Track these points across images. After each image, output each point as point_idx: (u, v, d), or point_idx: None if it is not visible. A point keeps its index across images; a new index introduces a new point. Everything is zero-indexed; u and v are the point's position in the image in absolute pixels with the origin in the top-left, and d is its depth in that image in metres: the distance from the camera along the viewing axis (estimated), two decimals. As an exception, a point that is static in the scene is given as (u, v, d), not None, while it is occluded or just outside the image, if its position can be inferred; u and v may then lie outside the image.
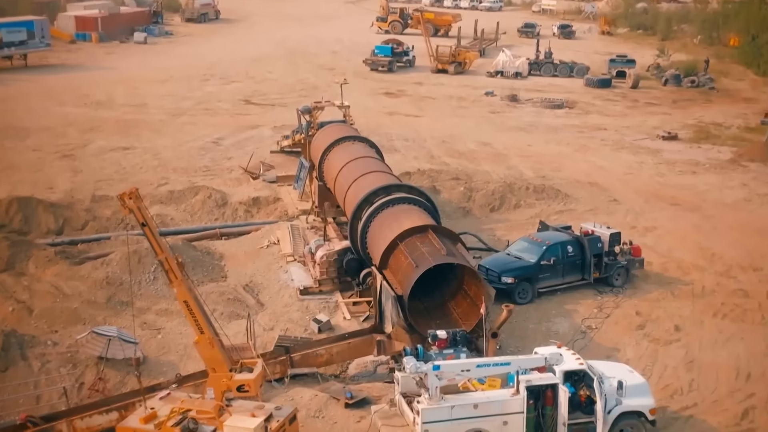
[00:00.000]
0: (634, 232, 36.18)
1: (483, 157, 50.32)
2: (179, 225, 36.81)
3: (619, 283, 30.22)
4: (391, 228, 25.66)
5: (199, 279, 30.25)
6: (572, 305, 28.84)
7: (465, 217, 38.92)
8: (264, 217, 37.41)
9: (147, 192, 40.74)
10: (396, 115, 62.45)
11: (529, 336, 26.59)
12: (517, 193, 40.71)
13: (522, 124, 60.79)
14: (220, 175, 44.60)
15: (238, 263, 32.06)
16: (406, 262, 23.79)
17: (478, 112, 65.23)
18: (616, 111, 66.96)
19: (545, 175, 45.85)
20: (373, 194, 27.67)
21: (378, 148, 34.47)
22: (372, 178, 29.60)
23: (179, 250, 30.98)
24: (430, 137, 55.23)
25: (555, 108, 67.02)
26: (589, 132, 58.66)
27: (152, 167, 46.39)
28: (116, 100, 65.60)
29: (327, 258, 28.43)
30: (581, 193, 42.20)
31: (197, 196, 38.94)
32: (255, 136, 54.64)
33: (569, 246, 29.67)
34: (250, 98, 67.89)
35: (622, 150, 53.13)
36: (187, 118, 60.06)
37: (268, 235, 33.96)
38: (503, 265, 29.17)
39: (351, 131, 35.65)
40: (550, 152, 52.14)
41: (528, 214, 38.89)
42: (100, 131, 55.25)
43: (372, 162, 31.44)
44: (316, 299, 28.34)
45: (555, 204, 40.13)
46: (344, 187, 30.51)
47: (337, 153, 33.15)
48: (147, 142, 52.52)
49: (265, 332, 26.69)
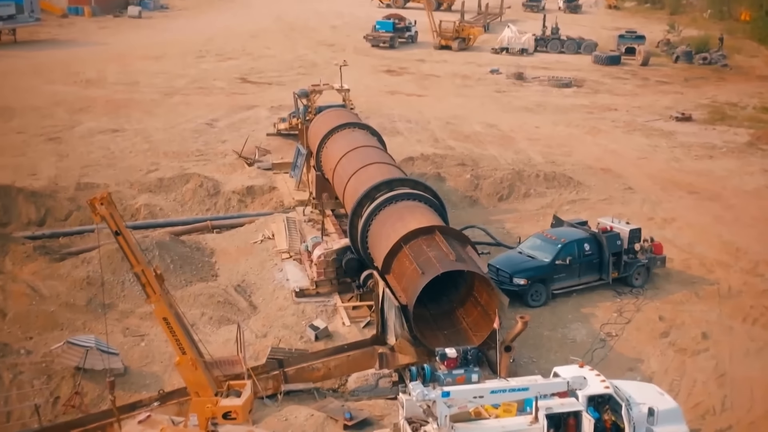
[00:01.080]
0: (652, 225, 34.03)
1: (489, 140, 48.02)
2: (168, 216, 34.59)
3: (639, 283, 28.08)
4: (394, 228, 23.46)
5: (188, 278, 28.14)
6: (589, 308, 26.71)
7: (472, 207, 36.74)
8: (258, 207, 35.20)
9: (136, 179, 38.66)
10: (398, 95, 60.05)
11: (543, 345, 24.49)
12: (526, 181, 38.46)
13: (529, 104, 58.42)
14: (214, 160, 42.35)
15: (229, 260, 29.90)
16: (411, 267, 21.62)
17: (483, 91, 62.83)
18: (626, 90, 64.54)
19: (555, 160, 43.59)
20: (374, 189, 25.45)
21: (380, 135, 32.16)
22: (373, 170, 27.36)
23: (166, 247, 28.92)
24: (433, 118, 52.90)
25: (563, 87, 64.63)
26: (599, 113, 56.30)
27: (142, 151, 44.12)
28: (107, 78, 63.18)
29: (325, 258, 26.26)
30: (594, 180, 39.94)
31: (188, 185, 36.70)
32: (251, 117, 52.32)
33: (586, 244, 27.48)
34: (247, 76, 65.44)
35: (635, 132, 50.80)
36: (180, 97, 57.68)
37: (263, 229, 31.78)
38: (515, 265, 26.99)
39: (351, 117, 33.33)
40: (560, 135, 49.84)
41: (538, 204, 36.70)
42: (90, 111, 52.93)
43: (373, 152, 29.17)
44: (312, 302, 26.20)
45: (567, 193, 37.89)
46: (343, 179, 28.29)
47: (336, 141, 30.87)
48: (138, 123, 50.20)
49: (257, 339, 24.59)
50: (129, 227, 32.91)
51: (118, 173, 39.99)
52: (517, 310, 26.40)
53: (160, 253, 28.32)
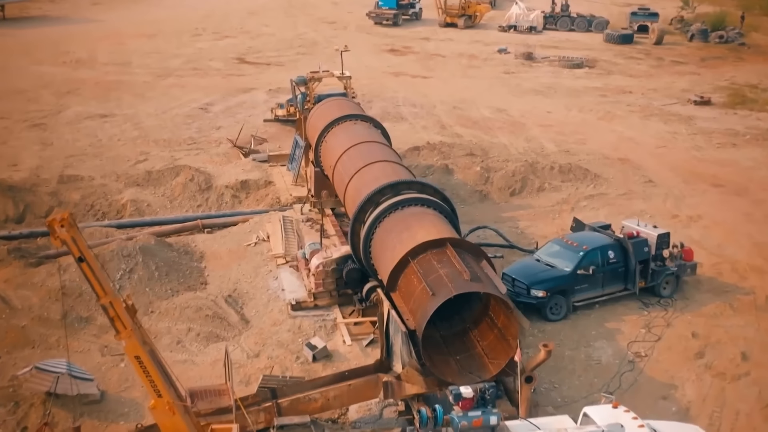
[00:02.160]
0: (677, 223, 31.58)
1: (499, 126, 45.43)
2: (156, 213, 32.17)
3: (667, 292, 25.64)
4: (401, 239, 20.99)
5: (174, 287, 25.70)
6: (614, 323, 24.27)
7: (482, 202, 34.24)
8: (253, 203, 32.75)
9: (123, 171, 36.20)
10: (402, 76, 57.36)
11: (565, 367, 22.08)
12: (540, 174, 35.91)
13: (539, 87, 55.72)
14: (207, 150, 39.83)
15: (221, 265, 27.48)
16: (420, 287, 19.17)
17: (490, 72, 60.11)
18: (640, 71, 61.75)
19: (569, 149, 41.04)
20: (378, 193, 22.94)
21: (384, 128, 29.53)
22: (377, 170, 24.84)
23: (151, 252, 26.49)
24: (439, 102, 50.28)
25: (574, 67, 61.87)
26: (612, 96, 53.62)
27: (131, 139, 41.62)
28: (98, 58, 60.58)
29: (324, 267, 23.80)
30: (611, 172, 37.38)
31: (178, 178, 34.22)
32: (247, 101, 49.76)
33: (610, 251, 25.00)
34: (244, 56, 62.76)
35: (651, 117, 48.15)
36: (174, 79, 55.08)
37: (257, 229, 29.34)
38: (533, 275, 24.52)
39: (353, 107, 30.71)
40: (572, 120, 47.23)
41: (554, 199, 34.18)
42: (78, 95, 50.42)
43: (377, 148, 26.61)
44: (310, 316, 23.80)
45: (583, 187, 35.35)
46: (344, 178, 25.78)
47: (336, 135, 28.31)
48: (128, 108, 47.67)
49: (249, 360, 22.22)
50: (113, 226, 30.95)
51: (104, 164, 37.52)
52: (535, 324, 24.10)
53: (144, 259, 25.89)
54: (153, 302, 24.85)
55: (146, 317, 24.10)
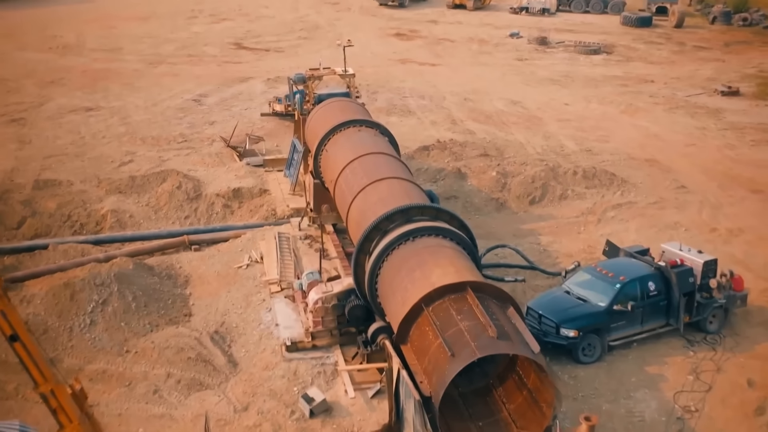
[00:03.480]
0: (716, 238, 28.45)
1: (514, 121, 42.15)
2: (139, 224, 29.01)
3: (714, 327, 22.50)
4: (413, 279, 17.87)
5: (153, 320, 22.58)
6: (657, 366, 21.15)
7: (499, 212, 31.05)
8: (246, 215, 29.59)
9: (105, 174, 33.07)
10: (409, 64, 54.02)
11: (604, 425, 18.87)
12: (562, 180, 32.70)
13: (555, 75, 52.39)
14: (198, 149, 36.65)
15: (208, 292, 24.36)
16: (437, 343, 16.09)
17: (503, 59, 56.73)
18: (661, 57, 58.33)
19: (591, 148, 37.80)
20: (386, 219, 19.82)
21: (391, 135, 26.26)
22: (384, 189, 21.67)
23: (128, 279, 23.35)
24: (449, 93, 47.00)
25: (591, 54, 58.48)
26: (634, 85, 50.26)
27: (117, 136, 38.43)
28: (87, 43, 57.32)
29: (323, 304, 20.71)
30: (639, 176, 34.14)
31: (164, 185, 31.07)
32: (244, 92, 46.55)
33: (651, 282, 21.84)
34: (242, 41, 59.41)
35: (677, 110, 44.84)
36: (166, 67, 51.79)
37: (250, 248, 26.23)
38: (562, 311, 21.37)
39: (356, 111, 27.43)
40: (592, 114, 43.94)
41: (578, 209, 30.98)
42: (63, 85, 47.22)
43: (384, 162, 23.38)
44: (308, 358, 20.72)
45: (610, 194, 32.13)
46: (347, 197, 22.61)
47: (338, 144, 25.08)
48: (116, 99, 44.47)
49: (236, 415, 19.17)
50: (91, 242, 27.77)
51: (86, 165, 34.38)
52: (565, 368, 21.02)
53: (120, 288, 22.77)
54: (129, 339, 21.77)
55: (120, 358, 21.10)
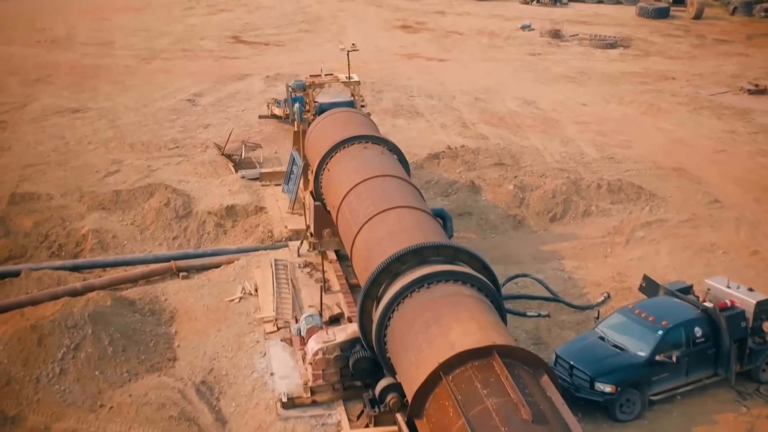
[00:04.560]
0: (758, 263, 25.76)
1: (529, 123, 39.42)
2: (123, 246, 26.33)
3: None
4: (428, 338, 15.29)
5: (133, 367, 19.95)
6: (705, 426, 18.52)
7: (516, 230, 28.37)
8: (240, 235, 26.96)
9: (88, 187, 30.52)
10: (416, 59, 51.25)
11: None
12: (585, 194, 29.99)
13: (570, 72, 49.59)
14: (190, 157, 34.00)
15: (195, 330, 21.74)
16: (459, 424, 13.52)
17: (514, 54, 53.91)
18: (681, 51, 55.47)
19: (613, 155, 35.10)
20: (397, 261, 17.20)
21: (400, 152, 23.54)
22: (394, 221, 19.02)
23: (105, 320, 20.70)
24: (459, 92, 44.28)
25: (607, 47, 55.65)
26: (654, 83, 47.45)
27: (104, 142, 35.78)
28: (77, 37, 54.58)
29: (324, 355, 18.13)
30: (668, 188, 31.41)
31: (151, 201, 28.42)
32: (242, 90, 43.87)
33: (697, 327, 19.21)
34: (240, 34, 56.63)
35: (702, 111, 42.05)
36: (160, 63, 49.09)
37: (243, 277, 23.64)
38: (597, 362, 18.74)
39: (362, 123, 24.71)
40: (612, 116, 41.19)
41: (603, 227, 28.28)
42: (49, 83, 44.60)
43: (393, 186, 20.72)
44: (306, 417, 18.15)
45: (637, 210, 29.42)
46: (351, 227, 19.98)
47: (341, 163, 22.40)
48: (105, 100, 41.81)
49: (224, 488, 16.65)
50: (68, 268, 25.05)
51: (68, 176, 31.76)
52: (600, 426, 18.42)
53: (95, 330, 20.14)
54: (103, 392, 19.17)
55: (92, 415, 18.51)
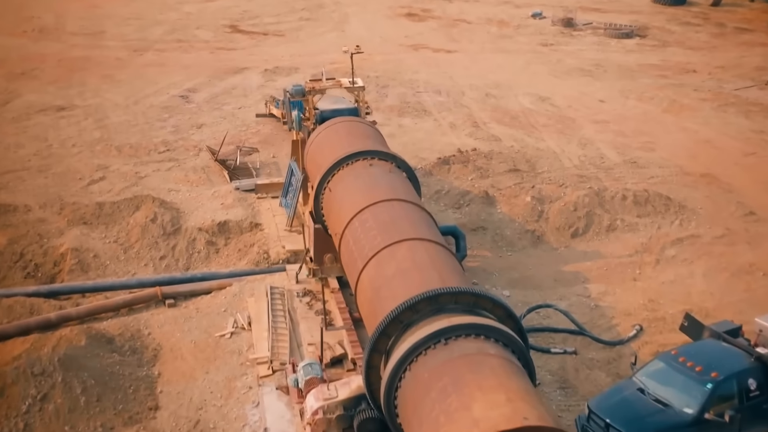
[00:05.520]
0: (802, 287, 23.42)
1: (543, 122, 36.96)
2: (105, 267, 23.95)
3: (828, 431, 17.62)
4: (447, 410, 12.97)
5: (108, 419, 17.57)
6: (759, 493, 16.31)
7: (535, 247, 26.00)
8: (234, 254, 24.59)
9: (70, 196, 28.20)
10: (422, 50, 48.70)
11: None
12: (609, 206, 27.59)
13: (585, 64, 47.05)
14: (182, 162, 31.60)
15: (181, 372, 19.42)
16: None
17: (525, 45, 51.34)
18: (700, 41, 52.87)
19: (636, 159, 32.69)
20: (409, 309, 14.86)
21: (410, 168, 21.09)
22: (405, 256, 16.62)
23: (77, 364, 18.40)
24: (469, 87, 41.78)
25: (623, 37, 53.07)
26: (674, 76, 44.93)
27: (89, 144, 33.36)
28: (66, 26, 52.03)
29: (325, 414, 15.82)
30: (697, 198, 29.02)
31: (137, 215, 26.02)
32: (239, 86, 41.38)
33: (751, 379, 16.85)
34: (238, 23, 54.07)
35: (728, 108, 39.55)
36: (152, 55, 46.56)
37: (235, 307, 21.31)
38: (638, 421, 16.33)
39: (367, 135, 22.24)
40: (632, 113, 38.71)
41: (630, 244, 25.88)
42: (35, 77, 42.10)
43: (403, 213, 18.30)
44: (305, 483, 15.93)
45: (667, 224, 27.01)
46: (356, 261, 17.59)
47: (344, 183, 19.99)
48: (93, 96, 39.32)
49: None
50: (43, 294, 22.59)
51: (48, 184, 29.38)
52: (639, 493, 16.13)
53: (66, 378, 17.81)
54: None
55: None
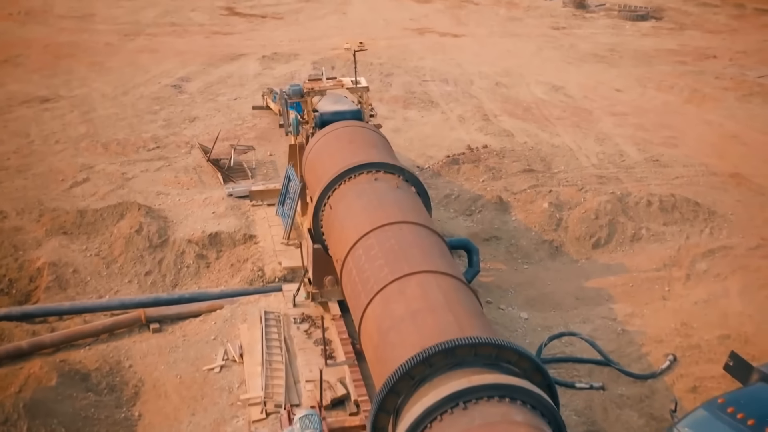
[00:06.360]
0: None
1: (558, 115, 34.80)
2: (85, 283, 21.91)
3: None
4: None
5: (80, 474, 15.75)
6: None
7: (553, 260, 23.92)
8: (226, 269, 22.54)
9: (51, 200, 26.08)
10: (428, 35, 46.40)
11: None
12: (633, 214, 25.50)
13: (599, 49, 44.81)
14: (172, 160, 29.48)
15: (164, 413, 17.42)
16: None
17: (536, 28, 49.04)
18: (719, 24, 50.55)
19: (658, 157, 30.57)
20: (423, 362, 12.82)
21: (420, 182, 18.92)
22: (416, 294, 14.53)
23: (46, 407, 16.44)
24: (478, 76, 39.57)
25: (637, 19, 50.80)
26: (694, 63, 42.69)
27: (74, 140, 31.21)
28: (54, 8, 49.78)
29: (324, 478, 13.92)
30: (727, 202, 26.91)
31: (121, 224, 23.92)
32: (235, 74, 39.17)
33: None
34: (235, 5, 51.81)
35: (752, 98, 37.41)
36: (144, 40, 44.30)
37: (226, 335, 19.30)
38: (680, 483, 14.50)
39: (371, 143, 20.04)
40: (651, 105, 36.55)
41: (656, 257, 23.79)
42: (18, 64, 39.93)
43: (412, 239, 16.17)
44: None
45: (696, 233, 24.91)
46: (359, 295, 15.52)
47: (346, 201, 17.86)
48: (80, 86, 37.14)
49: None
50: (14, 317, 20.28)
51: (28, 186, 27.26)
52: None
53: (33, 427, 15.86)
54: None
55: None
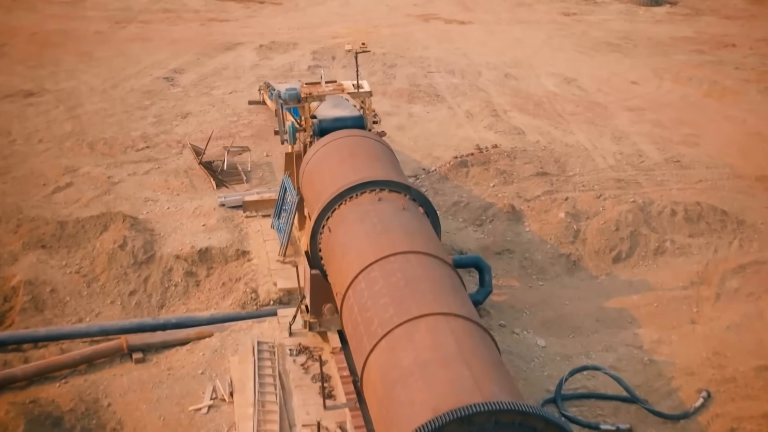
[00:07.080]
0: None
1: (571, 110, 32.95)
2: (63, 305, 20.16)
3: None
4: None
5: None
6: None
7: (570, 275, 22.15)
8: (216, 289, 20.80)
9: (30, 208, 24.38)
10: (433, 22, 44.43)
11: None
12: (656, 224, 23.69)
13: (612, 37, 42.88)
14: (162, 162, 27.69)
15: (145, 463, 15.78)
16: None
17: (545, 14, 47.07)
18: (737, 9, 48.56)
19: (679, 157, 28.76)
20: (435, 431, 11.16)
21: (429, 202, 17.03)
22: (426, 342, 12.74)
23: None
24: (485, 66, 37.69)
25: (651, 4, 48.96)
26: (711, 52, 40.75)
27: (58, 139, 29.44)
28: (44, -6, 47.71)
29: None
30: (756, 209, 25.04)
31: (104, 238, 22.16)
32: (230, 65, 37.32)
33: None
34: (231, -11, 49.68)
35: (775, 91, 35.55)
36: (136, 27, 42.36)
37: (214, 368, 17.57)
38: None
39: (374, 156, 18.20)
40: (669, 98, 34.68)
41: (683, 272, 21.99)
42: (3, 54, 38.36)
43: (421, 273, 14.37)
44: None
45: (724, 246, 23.09)
46: (362, 338, 13.79)
47: (347, 225, 16.06)
48: (66, 78, 35.30)
49: None
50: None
51: (6, 191, 25.51)
52: None
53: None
54: None
55: None
